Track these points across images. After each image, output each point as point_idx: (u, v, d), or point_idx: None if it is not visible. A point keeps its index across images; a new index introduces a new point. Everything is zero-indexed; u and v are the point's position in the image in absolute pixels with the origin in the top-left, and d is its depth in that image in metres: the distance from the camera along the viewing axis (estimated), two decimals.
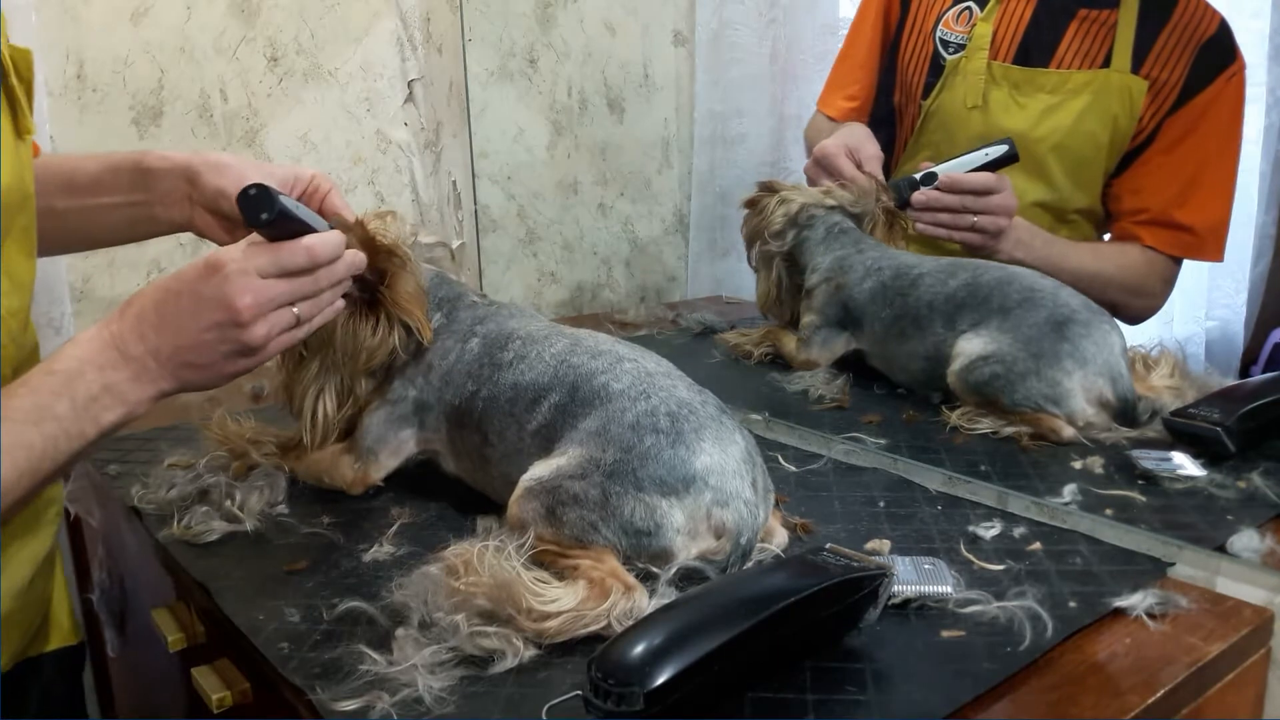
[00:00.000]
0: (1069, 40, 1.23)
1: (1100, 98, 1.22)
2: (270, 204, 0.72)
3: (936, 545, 0.82)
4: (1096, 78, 1.22)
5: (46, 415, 0.68)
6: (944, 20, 1.32)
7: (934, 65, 1.31)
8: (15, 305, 0.79)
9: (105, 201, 0.92)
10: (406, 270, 0.89)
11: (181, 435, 1.06)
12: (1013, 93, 1.26)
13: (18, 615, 0.85)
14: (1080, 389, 1.01)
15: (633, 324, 1.54)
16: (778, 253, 1.28)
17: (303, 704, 0.64)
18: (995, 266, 1.13)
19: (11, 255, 0.78)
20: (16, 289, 0.79)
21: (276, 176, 0.90)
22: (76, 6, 1.23)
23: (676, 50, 1.75)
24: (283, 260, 0.74)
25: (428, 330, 0.90)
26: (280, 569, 0.80)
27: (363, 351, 0.89)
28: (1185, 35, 1.20)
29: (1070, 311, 1.04)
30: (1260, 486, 0.88)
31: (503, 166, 1.62)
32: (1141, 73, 1.21)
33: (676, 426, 0.76)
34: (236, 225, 0.90)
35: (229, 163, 0.90)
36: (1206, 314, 1.22)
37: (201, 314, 0.72)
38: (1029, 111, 1.25)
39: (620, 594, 0.69)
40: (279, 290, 0.74)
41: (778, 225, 1.27)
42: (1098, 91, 1.22)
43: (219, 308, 0.72)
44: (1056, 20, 1.25)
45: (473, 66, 1.54)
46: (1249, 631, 0.70)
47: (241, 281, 0.72)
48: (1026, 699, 0.63)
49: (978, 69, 1.27)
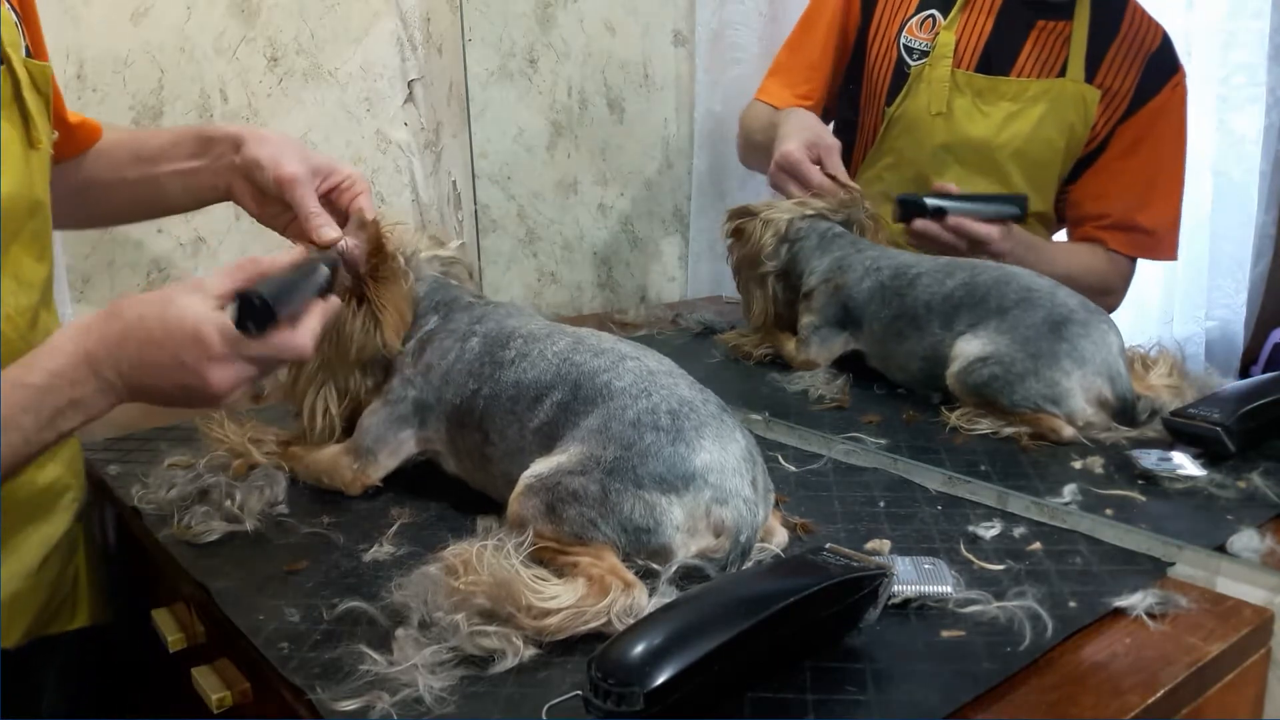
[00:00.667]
0: (1028, 50, 1.27)
1: (1057, 106, 1.26)
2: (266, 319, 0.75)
3: (936, 545, 0.82)
4: (1054, 86, 1.26)
5: (11, 426, 0.72)
6: (908, 27, 1.34)
7: (898, 71, 1.34)
8: (22, 304, 0.82)
9: (168, 169, 0.98)
10: (398, 276, 0.92)
11: (181, 435, 1.06)
12: (976, 100, 1.29)
13: (28, 595, 0.89)
14: (1079, 389, 1.01)
15: (633, 324, 1.53)
16: (772, 272, 1.29)
17: (303, 704, 0.64)
18: (992, 266, 1.13)
19: (19, 257, 0.81)
20: (23, 289, 0.82)
21: (313, 164, 0.93)
22: (76, 6, 1.23)
23: (676, 50, 1.75)
24: (266, 357, 0.77)
25: (393, 335, 0.91)
26: (280, 569, 0.80)
27: (350, 342, 0.90)
28: (1133, 47, 1.25)
29: (1068, 311, 1.04)
30: (1260, 486, 0.88)
31: (503, 166, 1.62)
32: (1095, 82, 1.25)
33: (677, 424, 0.76)
34: (267, 196, 0.95)
35: (272, 137, 0.94)
36: (1206, 314, 1.22)
37: (177, 374, 0.74)
38: (991, 119, 1.28)
39: (620, 591, 0.69)
40: (254, 372, 0.77)
41: (770, 247, 1.27)
42: (1054, 100, 1.26)
43: (194, 376, 0.74)
44: (1016, 31, 1.28)
45: (473, 66, 1.54)
46: (1249, 631, 0.70)
47: (224, 366, 0.75)
48: (1026, 699, 0.63)
49: (942, 77, 1.29)
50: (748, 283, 1.32)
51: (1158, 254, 1.27)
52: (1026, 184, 1.29)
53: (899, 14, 1.36)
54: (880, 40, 1.37)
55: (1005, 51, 1.28)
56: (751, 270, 1.30)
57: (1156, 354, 1.11)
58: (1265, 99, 1.13)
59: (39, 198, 0.83)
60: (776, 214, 1.28)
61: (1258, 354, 1.14)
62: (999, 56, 1.28)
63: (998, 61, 1.28)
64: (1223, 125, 1.19)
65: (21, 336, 0.82)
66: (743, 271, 1.33)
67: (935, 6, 1.33)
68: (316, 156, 0.95)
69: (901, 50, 1.34)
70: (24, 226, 0.81)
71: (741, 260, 1.32)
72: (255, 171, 0.93)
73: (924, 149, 1.28)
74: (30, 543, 0.88)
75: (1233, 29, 1.18)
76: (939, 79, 1.29)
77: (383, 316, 0.91)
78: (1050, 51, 1.26)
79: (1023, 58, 1.27)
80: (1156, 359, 1.10)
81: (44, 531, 0.90)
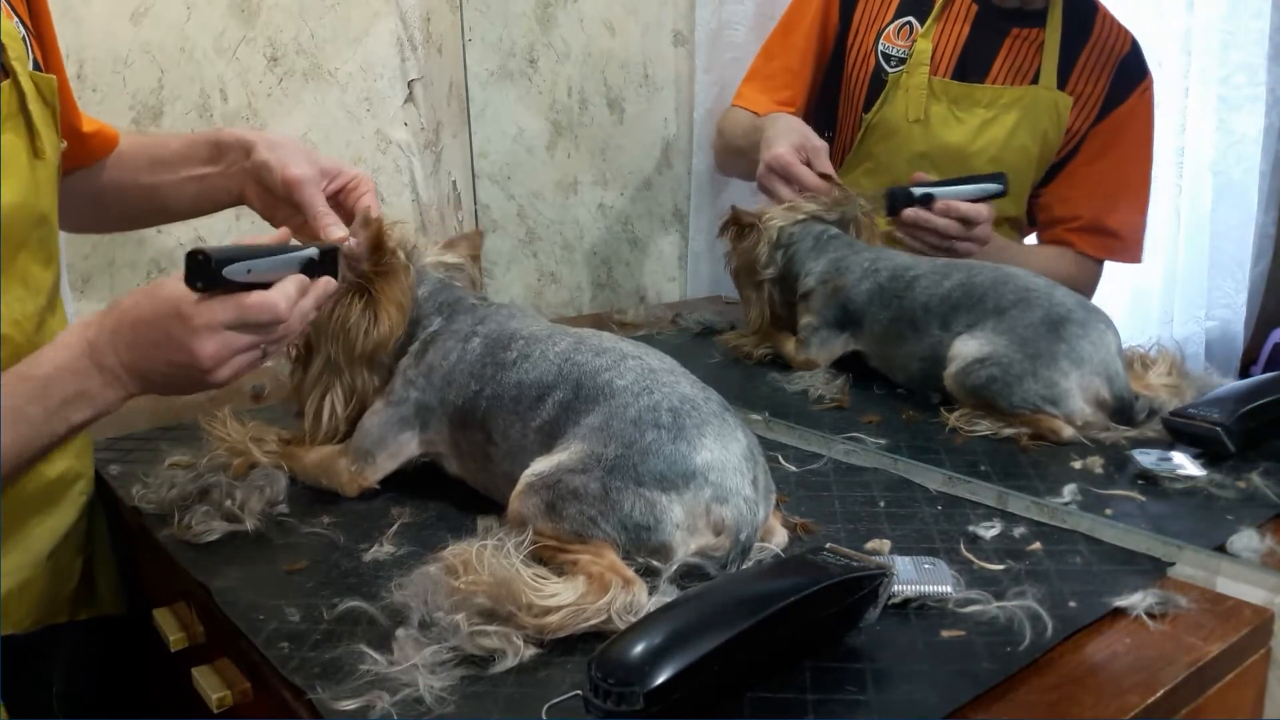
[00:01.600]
0: (1002, 57, 1.29)
1: (1031, 113, 1.28)
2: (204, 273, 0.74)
3: (936, 545, 0.82)
4: (1027, 93, 1.28)
5: (20, 418, 0.74)
6: (885, 34, 1.36)
7: (876, 78, 1.36)
8: (29, 309, 0.85)
9: (183, 175, 1.00)
10: (399, 271, 0.92)
11: (182, 435, 1.06)
12: (952, 107, 1.31)
13: (36, 584, 0.91)
14: (1077, 389, 1.01)
15: (632, 324, 1.53)
16: (768, 278, 1.29)
17: (303, 704, 0.64)
18: (989, 267, 1.13)
19: (26, 264, 0.84)
20: (30, 294, 0.85)
21: (321, 165, 0.96)
22: (76, 6, 1.23)
23: (676, 50, 1.75)
24: (246, 316, 0.77)
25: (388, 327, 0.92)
26: (280, 569, 0.80)
27: (354, 336, 0.91)
28: (1104, 53, 1.27)
29: (1066, 311, 1.04)
30: (1260, 486, 0.88)
31: (503, 166, 1.62)
32: (1067, 89, 1.27)
33: (678, 422, 0.76)
34: (276, 200, 0.98)
35: (282, 141, 0.97)
36: (1206, 314, 1.22)
37: (167, 352, 0.76)
38: (967, 126, 1.30)
39: (620, 588, 0.69)
40: (243, 341, 0.78)
41: (765, 256, 1.28)
42: (1028, 107, 1.28)
43: (182, 352, 0.76)
44: (991, 39, 1.30)
45: (473, 66, 1.54)
46: (1249, 631, 0.70)
47: (205, 336, 0.75)
48: (1026, 699, 0.63)
49: (919, 84, 1.31)
50: (745, 288, 1.33)
51: (1124, 256, 1.29)
52: None
53: (877, 21, 1.38)
54: (858, 47, 1.39)
55: (981, 59, 1.30)
56: (749, 276, 1.31)
57: (1156, 354, 1.11)
58: (1265, 99, 1.13)
59: (45, 207, 0.85)
60: (770, 222, 1.28)
61: (1258, 354, 1.14)
62: (975, 64, 1.30)
63: (974, 68, 1.30)
64: (1223, 125, 1.18)
65: (28, 339, 0.84)
66: (740, 277, 1.34)
67: (912, 14, 1.35)
68: (324, 159, 0.97)
69: (879, 57, 1.36)
70: (31, 234, 0.83)
71: (739, 267, 1.33)
72: (264, 174, 0.96)
73: (901, 155, 1.30)
74: (39, 532, 0.90)
75: (1233, 29, 1.18)
76: (916, 86, 1.31)
77: (380, 309, 0.91)
78: (1024, 58, 1.29)
79: (997, 65, 1.29)
80: (1156, 359, 1.10)
81: (53, 521, 0.92)
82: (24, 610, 0.90)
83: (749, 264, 1.30)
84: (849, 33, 1.40)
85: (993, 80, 1.30)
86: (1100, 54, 1.27)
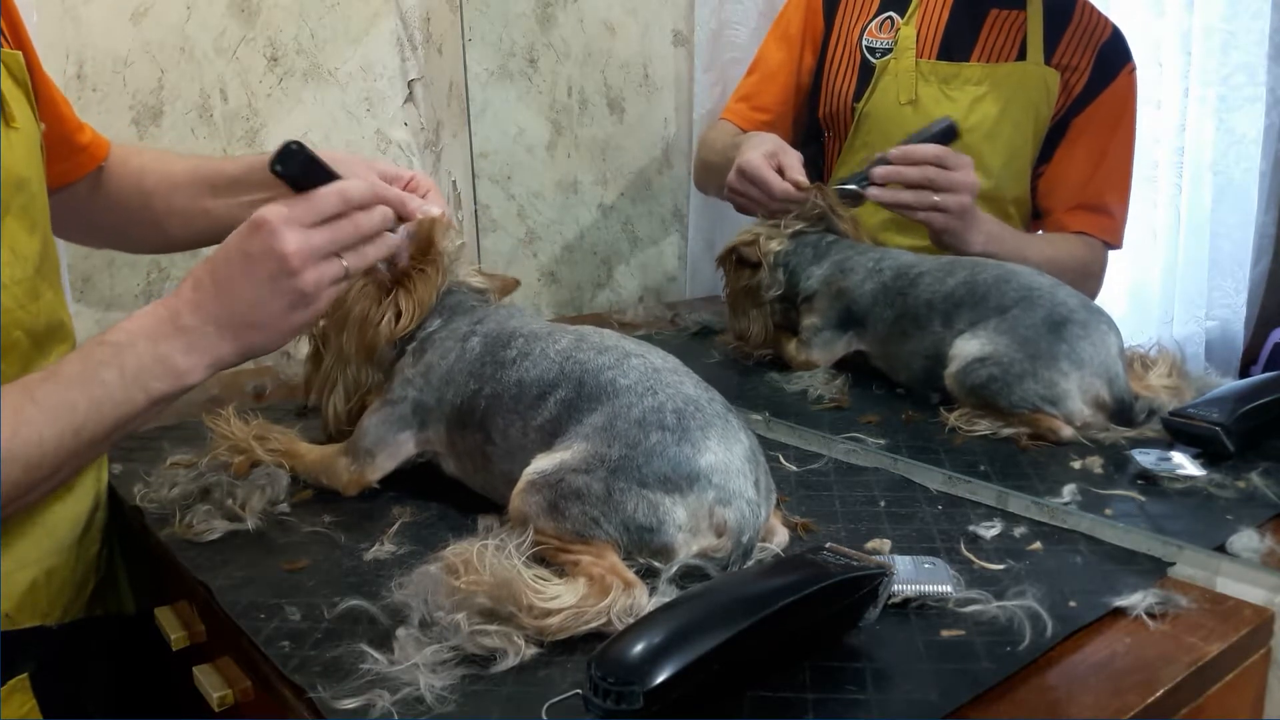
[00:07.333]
0: (984, 37, 1.31)
1: (1021, 88, 1.30)
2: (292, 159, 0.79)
3: (936, 545, 0.82)
4: (1016, 70, 1.30)
5: (93, 380, 0.74)
6: (868, 30, 1.38)
7: (863, 70, 1.37)
8: (18, 275, 0.84)
9: (247, 200, 1.01)
10: (434, 274, 0.93)
11: (184, 434, 1.06)
12: (942, 87, 1.32)
13: (64, 572, 0.91)
14: (1077, 390, 1.01)
15: (632, 324, 1.54)
16: (772, 299, 1.29)
17: (304, 703, 0.64)
18: (993, 264, 1.13)
19: (12, 230, 0.83)
20: (18, 260, 0.84)
21: (379, 169, 0.98)
22: (76, 6, 1.23)
23: (676, 50, 1.75)
24: (318, 207, 0.79)
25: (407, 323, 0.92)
26: (281, 568, 0.80)
27: (368, 328, 0.92)
28: (1086, 35, 1.29)
29: (1068, 311, 1.04)
30: (1260, 486, 0.88)
31: (503, 166, 1.62)
32: (1052, 63, 1.29)
33: (683, 424, 0.76)
34: None
35: (340, 158, 0.96)
36: (1206, 314, 1.22)
37: (254, 270, 0.77)
38: (959, 104, 1.30)
39: (620, 590, 0.69)
40: (322, 238, 0.79)
41: (768, 280, 1.28)
42: (1018, 82, 1.29)
43: (269, 258, 0.77)
44: (972, 20, 1.32)
45: (473, 66, 1.54)
46: (1249, 631, 0.70)
47: (286, 232, 0.77)
48: (1026, 699, 0.63)
49: (907, 67, 1.33)
50: (745, 309, 1.32)
51: (1114, 238, 1.30)
52: (1003, 167, 1.31)
53: (859, 20, 1.40)
54: (843, 46, 1.40)
55: (964, 39, 1.32)
56: (751, 301, 1.31)
57: (1156, 354, 1.11)
58: (1265, 99, 1.13)
59: (22, 173, 0.84)
60: (769, 245, 1.27)
61: (1258, 354, 1.14)
62: (958, 44, 1.32)
63: (957, 49, 1.32)
64: (1223, 125, 1.18)
65: (22, 307, 0.84)
66: (739, 301, 1.32)
67: (892, 8, 1.37)
68: (381, 163, 0.98)
69: (864, 52, 1.37)
70: (12, 200, 0.83)
71: (739, 293, 1.32)
72: None
73: (896, 140, 1.28)
74: (59, 518, 0.90)
75: (1233, 29, 1.19)
76: (904, 70, 1.33)
77: (404, 305, 0.92)
78: (1007, 38, 1.30)
79: (980, 44, 1.31)
80: (1156, 359, 1.10)
81: (70, 508, 0.91)
82: (50, 599, 0.89)
83: (751, 290, 1.30)
84: (832, 34, 1.42)
85: (977, 59, 1.31)
86: (1082, 36, 1.29)
